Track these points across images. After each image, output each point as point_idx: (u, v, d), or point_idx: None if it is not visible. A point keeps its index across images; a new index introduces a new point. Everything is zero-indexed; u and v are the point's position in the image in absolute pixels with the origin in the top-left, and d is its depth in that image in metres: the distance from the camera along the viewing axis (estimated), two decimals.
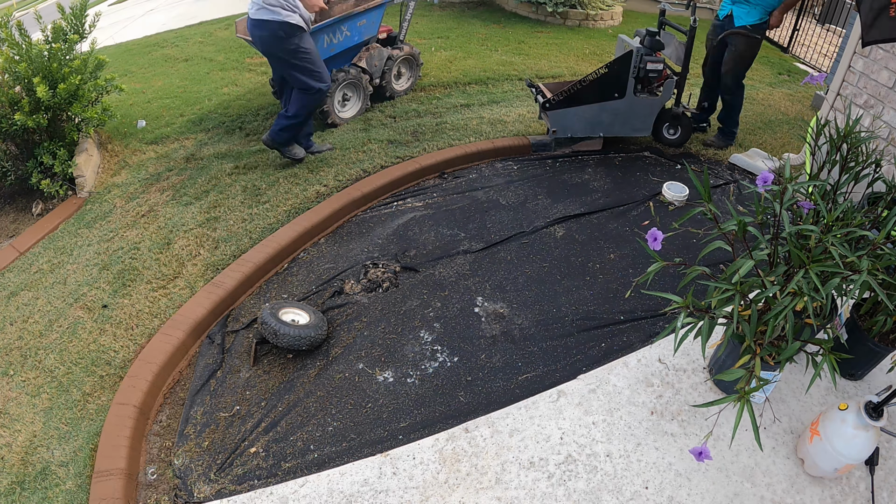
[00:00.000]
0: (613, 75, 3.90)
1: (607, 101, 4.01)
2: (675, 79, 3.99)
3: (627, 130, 4.18)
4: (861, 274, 1.68)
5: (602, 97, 4.00)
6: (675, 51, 4.06)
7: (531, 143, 4.36)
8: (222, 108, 5.17)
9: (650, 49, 3.83)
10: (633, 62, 3.83)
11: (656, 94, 4.05)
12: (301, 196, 3.71)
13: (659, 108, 4.09)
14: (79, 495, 2.15)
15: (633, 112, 4.07)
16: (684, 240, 3.36)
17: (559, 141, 4.30)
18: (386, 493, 2.12)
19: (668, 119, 4.22)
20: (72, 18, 4.29)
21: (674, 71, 4.10)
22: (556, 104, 4.05)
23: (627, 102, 4.01)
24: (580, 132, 4.20)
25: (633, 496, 2.06)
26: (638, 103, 4.03)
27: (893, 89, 3.26)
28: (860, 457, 1.93)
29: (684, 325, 1.86)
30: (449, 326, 2.82)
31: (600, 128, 4.16)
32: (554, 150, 4.34)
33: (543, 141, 4.35)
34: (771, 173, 1.68)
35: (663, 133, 4.30)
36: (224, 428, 2.41)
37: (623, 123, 4.13)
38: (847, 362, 2.37)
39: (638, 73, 3.88)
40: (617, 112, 4.06)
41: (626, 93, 3.97)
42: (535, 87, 4.39)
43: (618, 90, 3.96)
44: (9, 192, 4.28)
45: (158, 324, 2.85)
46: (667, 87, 3.99)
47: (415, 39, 6.83)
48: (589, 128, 4.16)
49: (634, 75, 3.89)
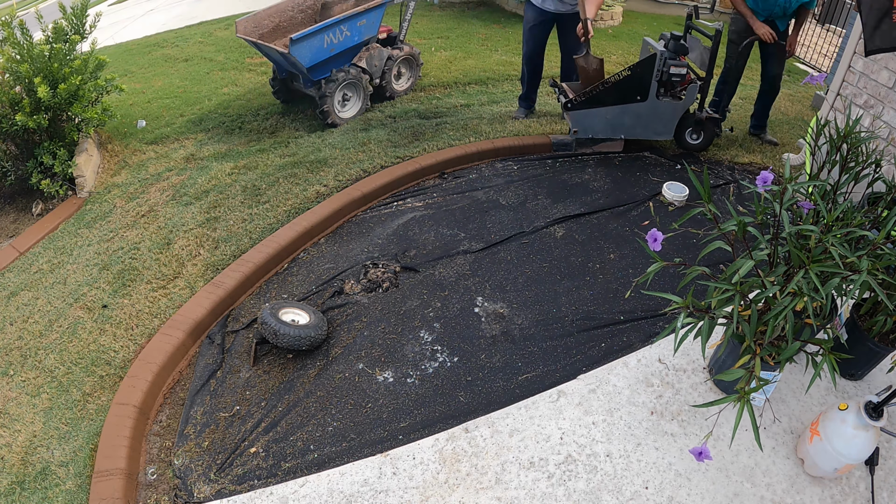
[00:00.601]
0: (636, 78, 3.88)
1: (629, 104, 4.00)
2: (698, 83, 3.97)
3: (649, 133, 4.15)
4: (861, 274, 1.68)
5: (624, 99, 3.98)
6: (699, 55, 4.03)
7: (552, 141, 4.36)
8: (222, 108, 5.17)
9: (674, 53, 3.82)
10: (657, 65, 3.81)
11: (679, 98, 4.02)
12: (301, 196, 3.71)
13: (682, 112, 4.06)
14: (79, 495, 2.15)
15: (656, 115, 4.05)
16: (684, 240, 3.36)
17: (580, 141, 4.29)
18: (386, 493, 2.12)
19: (691, 123, 4.18)
20: (73, 18, 4.29)
21: (698, 75, 4.07)
22: (578, 104, 4.04)
23: (650, 105, 3.99)
24: (601, 133, 4.18)
25: (633, 496, 2.06)
26: (660, 107, 4.01)
27: (893, 89, 3.26)
28: (860, 457, 1.93)
29: (684, 325, 1.86)
30: (449, 326, 2.82)
31: (622, 130, 4.15)
32: (575, 150, 4.34)
33: (564, 140, 4.35)
34: (771, 173, 1.68)
35: (686, 138, 4.26)
36: (224, 428, 2.41)
37: (645, 126, 4.11)
38: (847, 362, 2.37)
39: (661, 76, 3.86)
40: (639, 114, 4.04)
41: (648, 96, 3.95)
42: (558, 86, 4.38)
43: (640, 93, 3.95)
44: (9, 192, 4.28)
45: (158, 324, 2.85)
46: (690, 92, 3.97)
47: (415, 39, 6.83)
48: (610, 129, 4.15)
49: (657, 78, 3.87)
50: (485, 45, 6.73)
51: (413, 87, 5.45)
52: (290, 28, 4.90)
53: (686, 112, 4.09)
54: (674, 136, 4.20)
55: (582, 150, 4.33)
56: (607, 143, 4.30)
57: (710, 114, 4.16)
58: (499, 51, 6.57)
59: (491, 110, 4.96)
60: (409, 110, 4.98)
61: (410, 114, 4.92)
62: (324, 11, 5.09)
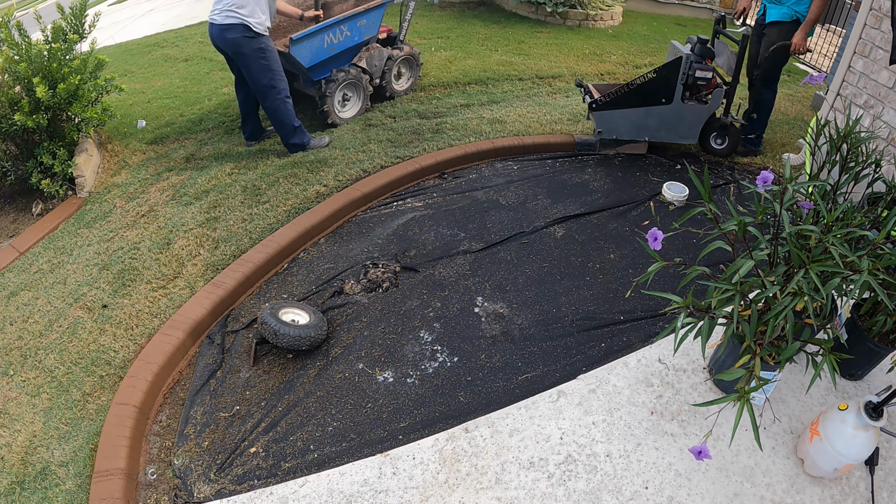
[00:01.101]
0: (662, 80, 3.88)
1: (654, 106, 3.99)
2: (724, 88, 3.95)
3: (673, 137, 4.14)
4: (861, 274, 1.68)
5: (649, 101, 3.98)
6: (727, 60, 4.01)
7: (576, 141, 4.36)
8: (222, 108, 5.17)
9: (700, 57, 3.80)
10: (682, 69, 3.81)
11: (704, 102, 4.01)
12: (301, 196, 3.71)
13: (707, 117, 4.04)
14: (79, 495, 2.15)
15: (680, 118, 4.04)
16: (684, 240, 3.36)
17: (604, 142, 4.29)
18: (386, 493, 2.12)
19: (715, 128, 4.16)
20: (71, 18, 4.29)
21: (724, 80, 4.06)
22: (603, 105, 4.04)
23: (675, 108, 3.99)
24: (626, 135, 4.18)
25: (632, 496, 2.06)
26: (685, 110, 4.00)
27: (893, 89, 3.26)
28: (860, 457, 1.93)
29: (684, 325, 1.86)
30: (449, 326, 2.82)
31: (646, 132, 4.15)
32: (599, 151, 4.34)
33: (589, 140, 4.35)
34: (771, 173, 1.68)
35: (710, 142, 4.25)
36: (224, 428, 2.41)
37: (669, 129, 4.10)
38: (847, 362, 2.37)
39: (686, 79, 3.85)
40: (663, 117, 4.04)
41: (673, 99, 3.95)
42: (584, 86, 4.39)
43: (665, 96, 3.94)
44: (9, 192, 4.28)
45: (158, 324, 2.85)
46: (716, 96, 3.95)
47: (415, 39, 6.83)
48: (635, 131, 4.15)
49: (683, 82, 3.86)
50: (485, 45, 6.73)
51: (413, 87, 5.45)
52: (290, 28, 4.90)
53: (711, 116, 4.07)
54: (698, 141, 4.18)
55: (605, 151, 4.34)
56: (631, 144, 4.30)
57: (735, 119, 4.13)
58: (499, 51, 6.57)
59: (491, 110, 4.96)
60: (409, 110, 4.98)
61: (410, 114, 4.92)
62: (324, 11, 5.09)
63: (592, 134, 4.36)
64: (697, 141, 4.18)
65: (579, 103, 5.11)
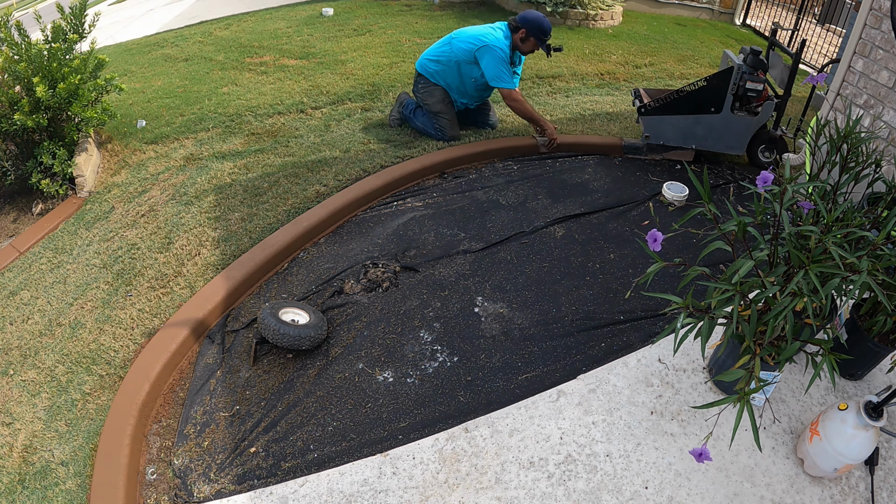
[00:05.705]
0: (712, 89, 3.87)
1: (703, 115, 3.98)
2: (775, 101, 3.92)
3: (720, 146, 4.12)
4: (861, 274, 1.68)
5: (698, 109, 3.97)
6: (780, 73, 3.98)
7: (623, 144, 4.37)
8: (222, 107, 5.17)
9: (752, 68, 3.78)
10: (733, 79, 3.79)
11: (754, 114, 3.98)
12: (301, 196, 3.71)
13: (756, 129, 4.02)
14: (79, 495, 2.15)
15: (729, 129, 4.01)
16: (684, 240, 3.36)
17: (651, 147, 4.29)
18: (386, 492, 2.12)
19: (764, 141, 4.13)
20: (71, 18, 4.29)
21: (776, 93, 4.03)
22: (652, 110, 4.05)
23: (723, 118, 3.96)
24: (673, 141, 4.18)
25: (632, 496, 2.06)
26: (734, 121, 3.97)
27: (893, 89, 3.26)
28: (860, 457, 1.93)
29: (684, 325, 1.86)
30: (449, 326, 2.82)
31: (693, 140, 4.13)
32: (646, 155, 4.34)
33: (636, 144, 4.35)
34: (771, 173, 1.68)
35: (758, 155, 4.21)
36: (224, 428, 2.41)
37: (717, 139, 4.08)
38: (847, 362, 2.37)
39: (737, 90, 3.83)
40: (712, 126, 4.02)
41: (723, 108, 3.92)
42: (636, 91, 4.40)
43: (715, 105, 3.93)
44: (9, 191, 4.28)
45: (158, 324, 2.85)
46: (766, 109, 3.92)
47: (415, 39, 6.83)
48: (682, 138, 4.14)
49: (733, 92, 3.85)
50: None
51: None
52: None
53: (761, 128, 4.05)
54: (746, 152, 4.17)
55: (652, 156, 4.34)
56: (678, 151, 4.29)
57: (785, 133, 4.09)
58: None
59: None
60: None
61: None
62: None
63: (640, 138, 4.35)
64: (745, 152, 4.15)
65: (580, 103, 5.11)
